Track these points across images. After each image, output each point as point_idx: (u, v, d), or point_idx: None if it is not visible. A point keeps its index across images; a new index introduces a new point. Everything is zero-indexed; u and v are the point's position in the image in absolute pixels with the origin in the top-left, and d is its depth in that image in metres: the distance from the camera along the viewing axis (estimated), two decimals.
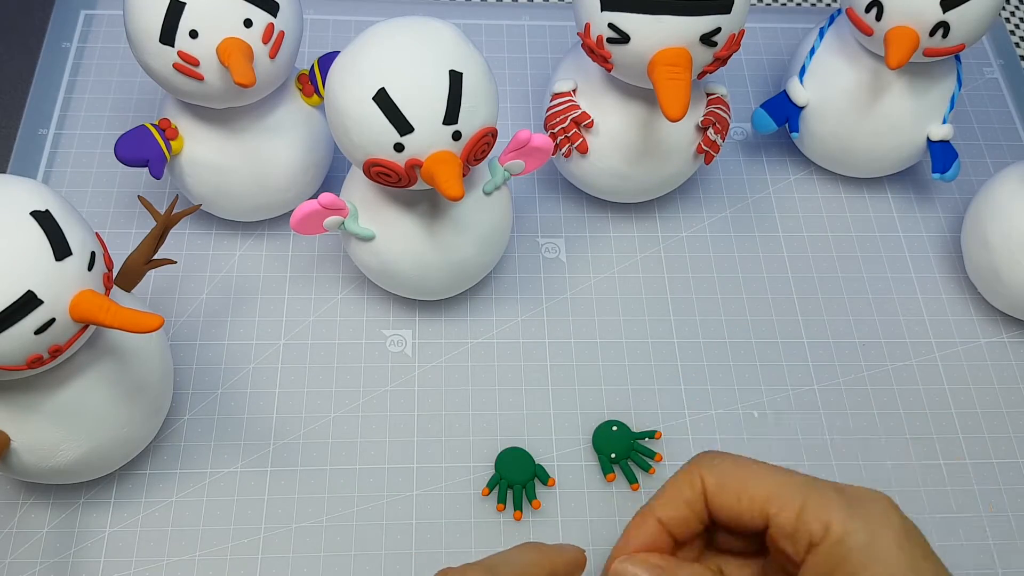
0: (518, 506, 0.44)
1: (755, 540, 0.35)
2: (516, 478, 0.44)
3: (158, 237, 0.43)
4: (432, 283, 0.46)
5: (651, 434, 0.46)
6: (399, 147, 0.38)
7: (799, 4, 0.66)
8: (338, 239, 0.51)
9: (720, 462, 0.34)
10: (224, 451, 0.45)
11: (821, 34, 0.52)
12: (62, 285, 0.33)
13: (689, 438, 0.47)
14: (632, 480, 0.45)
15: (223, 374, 0.47)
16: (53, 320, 0.33)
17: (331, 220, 0.43)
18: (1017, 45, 0.64)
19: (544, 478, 0.44)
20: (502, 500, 0.44)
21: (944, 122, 0.51)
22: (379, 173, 0.40)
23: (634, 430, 0.46)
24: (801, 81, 0.52)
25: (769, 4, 0.66)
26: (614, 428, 0.46)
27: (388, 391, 0.47)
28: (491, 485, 0.44)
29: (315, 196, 0.43)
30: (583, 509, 0.44)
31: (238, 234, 0.51)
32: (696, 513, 0.35)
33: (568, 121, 0.48)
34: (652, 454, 0.46)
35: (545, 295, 0.51)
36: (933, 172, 0.51)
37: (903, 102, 0.50)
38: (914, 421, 0.48)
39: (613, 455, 0.45)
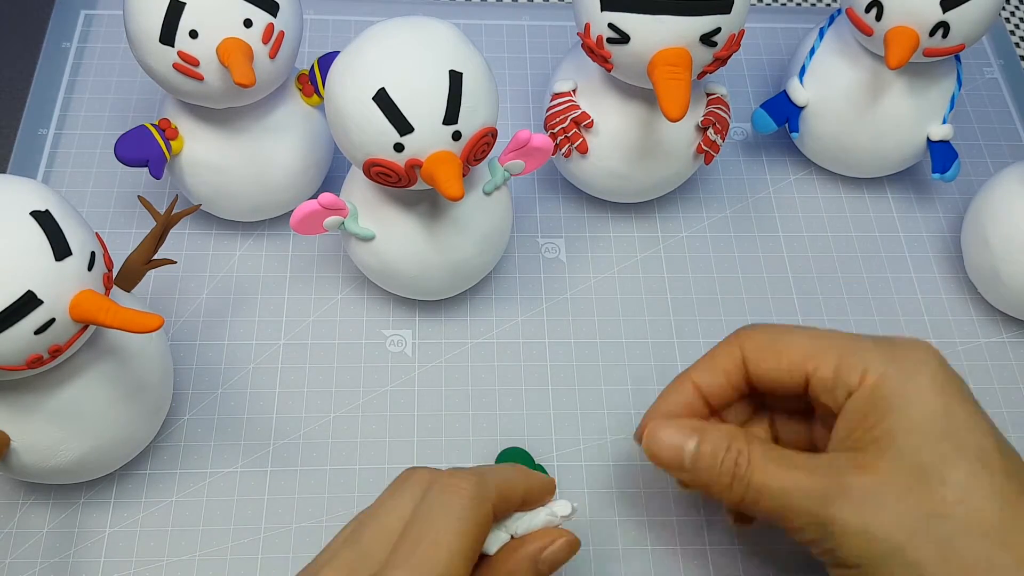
0: None
1: (803, 400, 0.36)
2: None
3: (158, 237, 0.43)
4: (432, 283, 0.46)
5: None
6: (399, 147, 0.38)
7: (799, 4, 0.66)
8: (338, 239, 0.51)
9: (758, 331, 0.36)
10: (224, 451, 0.45)
11: (821, 34, 0.52)
12: (62, 285, 0.33)
13: None
14: None
15: (223, 374, 0.47)
16: (53, 320, 0.33)
17: (331, 220, 0.43)
18: (1017, 45, 0.64)
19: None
20: None
21: (944, 122, 0.51)
22: (379, 173, 0.40)
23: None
24: (801, 81, 0.52)
25: (769, 4, 0.66)
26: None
27: (388, 391, 0.47)
28: None
29: (315, 196, 0.43)
30: (583, 509, 0.44)
31: (238, 234, 0.51)
32: (732, 382, 0.36)
33: (568, 121, 0.48)
34: None
35: (545, 295, 0.51)
36: (933, 172, 0.51)
37: (903, 102, 0.50)
38: None
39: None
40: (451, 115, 0.38)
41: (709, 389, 0.36)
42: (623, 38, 0.42)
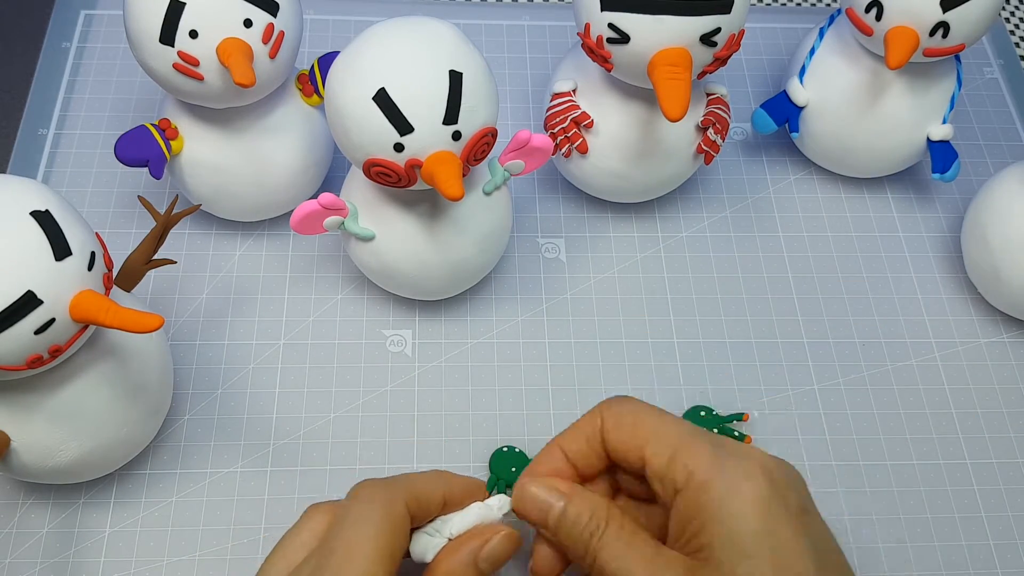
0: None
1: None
2: (512, 477, 0.44)
3: (158, 237, 0.43)
4: (432, 283, 0.46)
5: (739, 416, 0.46)
6: (399, 147, 0.38)
7: (799, 4, 0.66)
8: (338, 239, 0.51)
9: (620, 405, 0.36)
10: (224, 451, 0.45)
11: (821, 34, 0.52)
12: (62, 285, 0.33)
13: None
14: None
15: (223, 374, 0.47)
16: (53, 320, 0.33)
17: (331, 220, 0.43)
18: (1017, 45, 0.64)
19: None
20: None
21: (944, 122, 0.51)
22: (379, 173, 0.40)
23: (719, 414, 0.47)
24: (801, 81, 0.52)
25: (769, 4, 0.66)
26: (702, 413, 0.46)
27: (388, 391, 0.47)
28: (490, 488, 0.44)
29: (315, 196, 0.43)
30: None
31: (238, 234, 0.51)
32: (595, 450, 0.36)
33: (568, 121, 0.48)
34: (742, 438, 0.46)
35: (545, 295, 0.51)
36: (933, 172, 0.51)
37: (903, 102, 0.50)
38: (914, 421, 0.48)
39: None
40: (451, 115, 0.38)
41: (575, 456, 0.37)
42: (623, 38, 0.42)
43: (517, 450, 0.45)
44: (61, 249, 0.33)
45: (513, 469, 0.44)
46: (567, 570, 0.37)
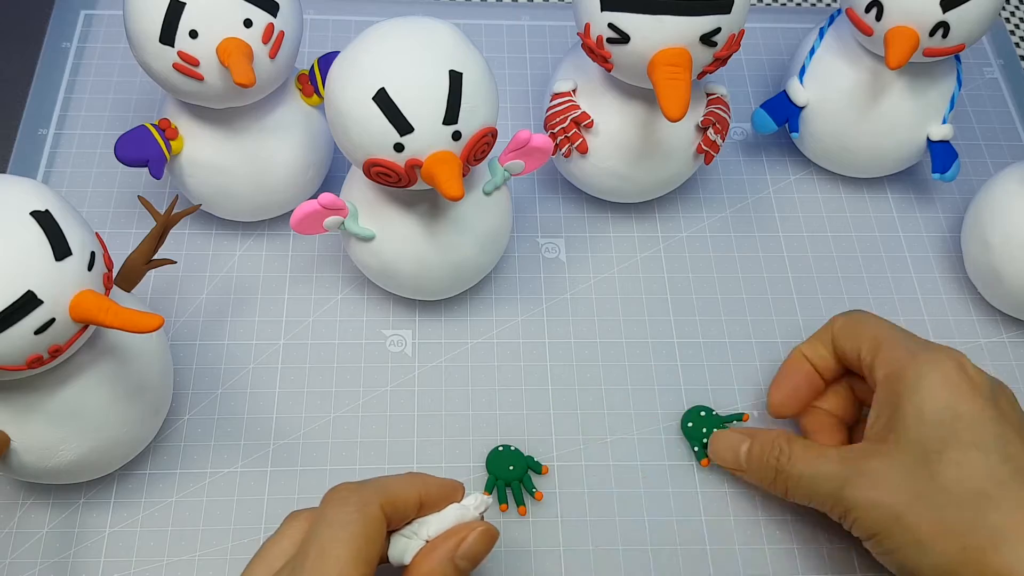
0: (520, 501, 0.44)
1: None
2: (510, 475, 0.44)
3: (158, 237, 0.43)
4: (432, 283, 0.46)
5: (739, 416, 0.46)
6: (399, 147, 0.38)
7: (799, 4, 0.66)
8: (338, 239, 0.51)
9: (849, 315, 0.44)
10: (224, 451, 0.45)
11: (821, 34, 0.52)
12: (62, 285, 0.33)
13: None
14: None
15: (223, 374, 0.47)
16: (53, 320, 0.33)
17: (331, 220, 0.43)
18: (1017, 45, 0.64)
19: (537, 468, 0.45)
20: (503, 500, 0.44)
21: (944, 122, 0.51)
22: (379, 173, 0.40)
23: (719, 415, 0.46)
24: (801, 81, 0.52)
25: (769, 4, 0.66)
26: (702, 413, 0.46)
27: (388, 391, 0.47)
28: (489, 488, 0.44)
29: (315, 196, 0.43)
30: (583, 509, 0.44)
31: (238, 234, 0.51)
32: (829, 350, 0.44)
33: (568, 121, 0.48)
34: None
35: (545, 295, 0.51)
36: (933, 172, 0.51)
37: (903, 102, 0.50)
38: None
39: (705, 441, 0.45)
40: (451, 115, 0.38)
41: (814, 359, 0.44)
42: (623, 38, 0.42)
43: (513, 448, 0.45)
44: (61, 249, 0.33)
45: (511, 468, 0.44)
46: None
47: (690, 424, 0.46)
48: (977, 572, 0.35)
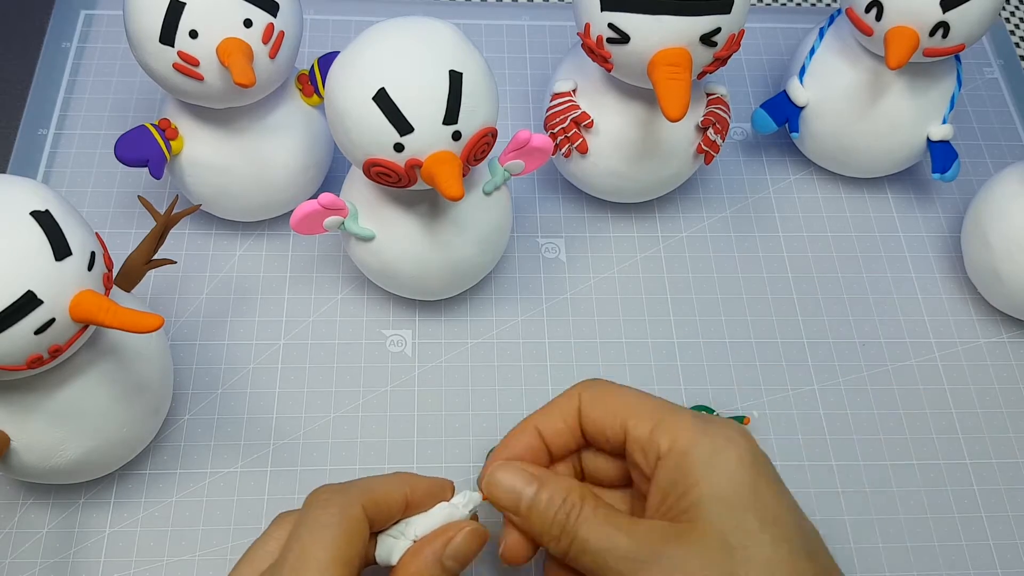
0: None
1: (622, 470, 0.38)
2: None
3: (158, 237, 0.43)
4: (432, 283, 0.46)
5: (740, 419, 0.46)
6: (399, 147, 0.38)
7: (799, 4, 0.66)
8: (338, 239, 0.51)
9: (597, 384, 0.38)
10: (224, 451, 0.45)
11: (821, 34, 0.52)
12: (62, 285, 0.33)
13: None
14: None
15: (223, 374, 0.47)
16: (53, 320, 0.33)
17: (331, 220, 0.43)
18: (1017, 45, 0.64)
19: None
20: None
21: (944, 122, 0.51)
22: (379, 173, 0.40)
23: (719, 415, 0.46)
24: (801, 81, 0.52)
25: (769, 4, 0.66)
26: (703, 414, 0.46)
27: (388, 391, 0.47)
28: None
29: (315, 196, 0.43)
30: None
31: (238, 234, 0.51)
32: (570, 428, 0.37)
33: (568, 121, 0.48)
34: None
35: (545, 295, 0.51)
36: (933, 172, 0.51)
37: (903, 102, 0.50)
38: (914, 421, 0.48)
39: None
40: (451, 115, 0.38)
41: (549, 435, 0.37)
42: (623, 38, 0.42)
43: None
44: (61, 249, 0.33)
45: None
46: (534, 557, 0.37)
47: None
48: None
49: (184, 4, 0.40)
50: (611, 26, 0.42)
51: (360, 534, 0.33)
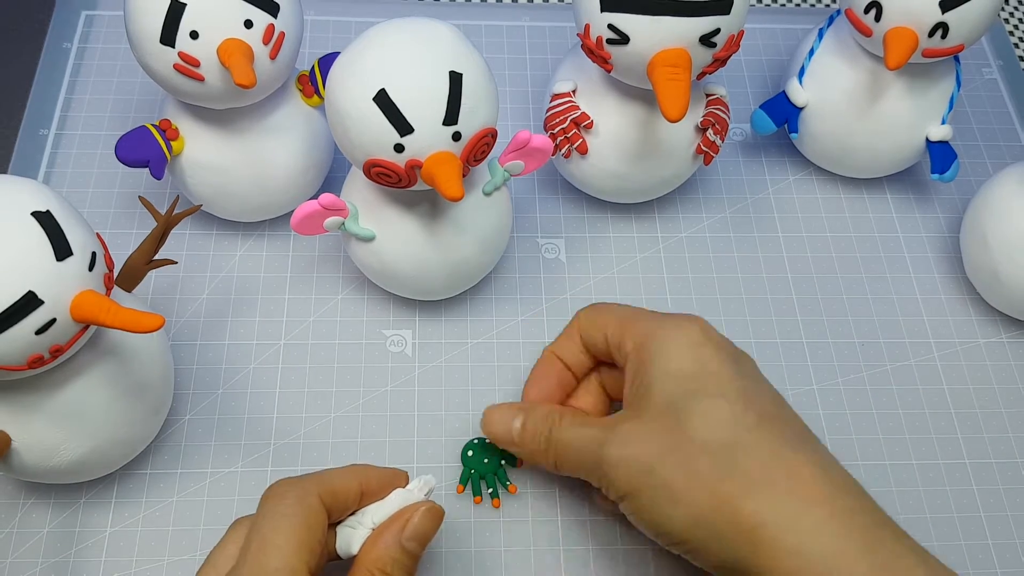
0: (495, 494, 0.44)
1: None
2: (485, 468, 0.44)
3: (159, 237, 0.43)
4: (432, 283, 0.46)
5: None
6: (399, 148, 0.38)
7: (799, 5, 0.66)
8: (338, 239, 0.51)
9: (593, 305, 0.43)
10: (224, 451, 0.45)
11: (820, 35, 0.52)
12: (63, 285, 0.33)
13: None
14: (480, 495, 0.45)
15: (223, 374, 0.47)
16: (54, 320, 0.33)
17: (331, 220, 0.43)
18: (1016, 45, 0.64)
19: (512, 462, 0.44)
20: (477, 492, 0.44)
21: (943, 123, 0.51)
22: (379, 173, 0.40)
23: None
24: (800, 82, 0.52)
25: (769, 4, 0.66)
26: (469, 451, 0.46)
27: (388, 391, 0.47)
28: (463, 480, 0.44)
29: (315, 196, 0.43)
30: (583, 510, 0.44)
31: (238, 234, 0.52)
32: (578, 346, 0.43)
33: (568, 122, 0.48)
34: None
35: (545, 295, 0.51)
36: (932, 173, 0.51)
37: (902, 103, 0.50)
38: (913, 421, 0.48)
39: None
40: (451, 116, 0.38)
41: (567, 357, 0.43)
42: (623, 39, 0.42)
43: (488, 441, 0.45)
44: (62, 249, 0.33)
45: (485, 460, 0.44)
46: None
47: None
48: (729, 519, 0.34)
49: (185, 5, 0.40)
50: (611, 27, 0.42)
51: (319, 522, 0.34)
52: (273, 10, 0.42)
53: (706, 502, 0.35)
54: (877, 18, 0.46)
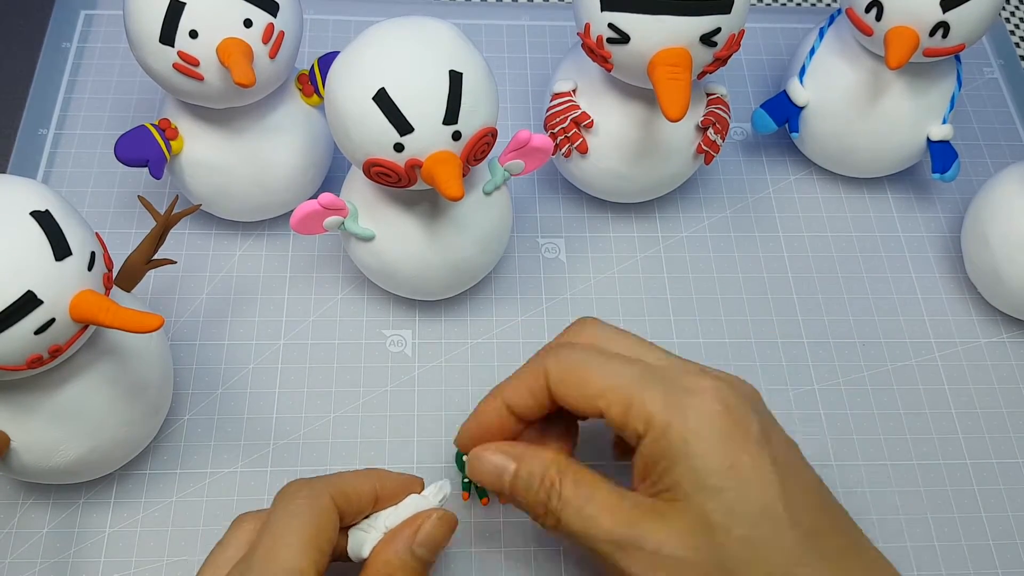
0: (483, 493, 0.42)
1: None
2: None
3: (158, 237, 0.43)
4: (432, 283, 0.46)
5: None
6: (399, 147, 0.38)
7: (799, 4, 0.66)
8: (338, 239, 0.51)
9: (566, 355, 0.36)
10: (224, 451, 0.45)
11: (821, 34, 0.52)
12: (62, 285, 0.33)
13: None
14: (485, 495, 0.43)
15: (223, 374, 0.47)
16: (53, 320, 0.33)
17: (331, 220, 0.43)
18: (1017, 45, 0.64)
19: None
20: (483, 495, 0.42)
21: (944, 122, 0.51)
22: (379, 173, 0.40)
23: None
24: (801, 81, 0.52)
25: (769, 4, 0.66)
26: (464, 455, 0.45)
27: (388, 391, 0.47)
28: (465, 488, 0.43)
29: (315, 196, 0.43)
30: None
31: (238, 234, 0.51)
32: (539, 401, 0.37)
33: (568, 121, 0.48)
34: None
35: (545, 295, 0.51)
36: (933, 172, 0.51)
37: (903, 102, 0.50)
38: (914, 421, 0.48)
39: None
40: (451, 115, 0.38)
41: (519, 409, 0.37)
42: (623, 38, 0.42)
43: None
44: (61, 249, 0.33)
45: None
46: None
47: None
48: None
49: (184, 4, 0.40)
50: (611, 26, 0.42)
51: (330, 522, 0.34)
52: (273, 9, 0.42)
53: None
54: (878, 17, 0.46)
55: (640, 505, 0.34)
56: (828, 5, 0.66)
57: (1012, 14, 0.66)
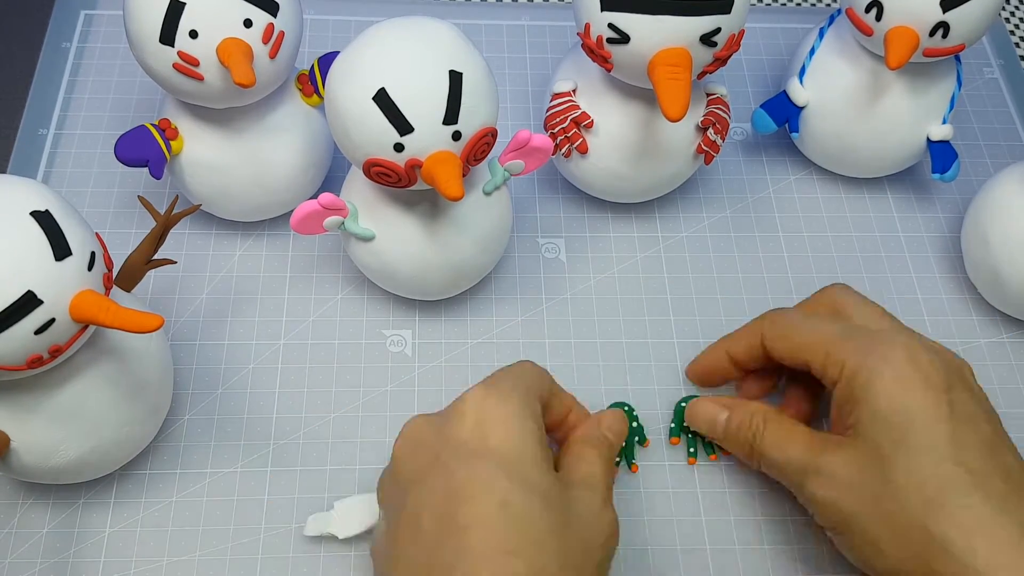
0: (631, 459, 0.46)
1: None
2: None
3: (158, 237, 0.43)
4: (432, 283, 0.46)
5: None
6: (399, 147, 0.38)
7: (799, 4, 0.66)
8: (338, 239, 0.51)
9: (777, 318, 0.43)
10: (224, 451, 0.45)
11: (821, 34, 0.52)
12: (62, 285, 0.33)
13: None
14: (695, 455, 0.46)
15: (223, 374, 0.47)
16: (53, 320, 0.33)
17: (331, 220, 0.43)
18: (1017, 45, 0.64)
19: (642, 441, 0.46)
20: (631, 460, 0.46)
21: (944, 122, 0.51)
22: (379, 173, 0.40)
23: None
24: (801, 81, 0.52)
25: (769, 4, 0.66)
26: (683, 404, 0.47)
27: (388, 391, 0.47)
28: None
29: (315, 196, 0.43)
30: None
31: (238, 234, 0.51)
32: (754, 356, 0.44)
33: (568, 121, 0.48)
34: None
35: (545, 295, 0.51)
36: (933, 172, 0.51)
37: (903, 102, 0.50)
38: None
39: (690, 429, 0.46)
40: (451, 115, 0.38)
41: (738, 358, 0.45)
42: (623, 38, 0.42)
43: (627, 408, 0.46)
44: (61, 249, 0.33)
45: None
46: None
47: (683, 404, 0.47)
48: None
49: (184, 4, 0.40)
50: (611, 26, 0.42)
51: (537, 396, 0.39)
52: (273, 9, 0.42)
53: (907, 560, 0.36)
54: (878, 17, 0.46)
55: (827, 440, 0.39)
56: (828, 5, 0.66)
57: (1012, 14, 0.66)
